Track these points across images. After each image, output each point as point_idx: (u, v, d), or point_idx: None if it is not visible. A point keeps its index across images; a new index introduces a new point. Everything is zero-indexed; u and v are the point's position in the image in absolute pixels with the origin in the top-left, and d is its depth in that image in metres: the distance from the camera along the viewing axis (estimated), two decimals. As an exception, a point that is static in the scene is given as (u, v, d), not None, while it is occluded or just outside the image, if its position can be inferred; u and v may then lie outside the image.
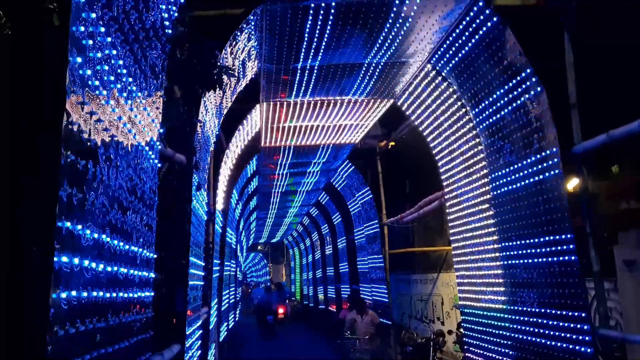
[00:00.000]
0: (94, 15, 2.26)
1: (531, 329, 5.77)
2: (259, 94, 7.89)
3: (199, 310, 6.26)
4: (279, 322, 20.71)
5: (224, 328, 11.85)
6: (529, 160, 5.65)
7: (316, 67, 6.96)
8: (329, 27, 5.86)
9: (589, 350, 4.89)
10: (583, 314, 4.99)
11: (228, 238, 12.18)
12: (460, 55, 6.32)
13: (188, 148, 5.01)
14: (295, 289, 32.88)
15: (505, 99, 5.88)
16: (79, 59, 2.10)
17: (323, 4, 5.44)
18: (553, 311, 5.37)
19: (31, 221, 1.87)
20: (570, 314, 5.13)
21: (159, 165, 3.87)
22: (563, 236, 5.19)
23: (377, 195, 13.03)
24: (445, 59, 6.64)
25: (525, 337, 5.90)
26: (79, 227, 2.06)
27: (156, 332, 3.49)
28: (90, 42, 2.23)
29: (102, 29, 2.38)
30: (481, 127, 6.57)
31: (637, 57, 5.82)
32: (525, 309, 5.91)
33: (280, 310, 21.53)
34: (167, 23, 3.82)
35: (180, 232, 4.99)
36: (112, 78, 2.54)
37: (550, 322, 5.40)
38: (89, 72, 2.20)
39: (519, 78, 5.57)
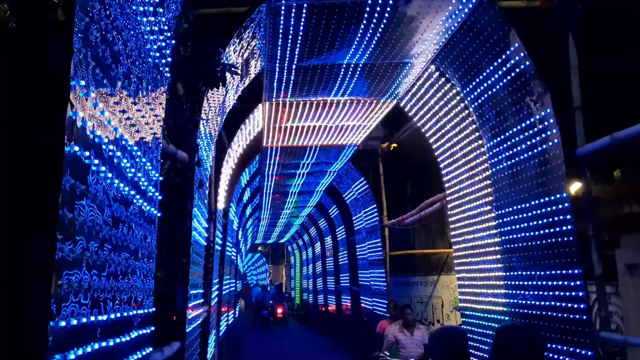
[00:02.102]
0: (98, 5, 2.25)
1: (532, 332, 5.75)
2: (261, 93, 7.88)
3: (199, 307, 6.24)
4: (278, 320, 22.42)
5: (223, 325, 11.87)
6: (532, 163, 5.64)
7: (319, 67, 6.96)
8: (332, 26, 5.85)
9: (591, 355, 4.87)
10: (584, 317, 4.97)
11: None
12: (464, 56, 6.30)
13: (190, 145, 5.00)
14: (295, 290, 33.07)
15: (509, 100, 5.87)
16: (83, 51, 2.09)
17: (327, 3, 5.44)
18: (555, 314, 5.35)
19: (33, 211, 1.86)
20: (572, 317, 5.11)
21: (161, 161, 3.86)
22: (566, 239, 5.18)
23: (379, 197, 13.02)
24: (449, 60, 6.63)
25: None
26: (81, 218, 2.05)
27: (156, 329, 3.48)
28: (95, 33, 2.22)
29: (107, 21, 2.37)
30: (484, 128, 6.56)
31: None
32: (526, 312, 5.89)
33: (279, 310, 22.71)
34: (171, 18, 3.81)
35: (181, 230, 4.98)
36: (115, 70, 2.53)
37: (552, 325, 5.38)
38: (92, 63, 2.19)
39: (523, 79, 5.56)
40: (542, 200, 5.51)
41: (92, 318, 2.16)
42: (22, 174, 1.91)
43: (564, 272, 5.22)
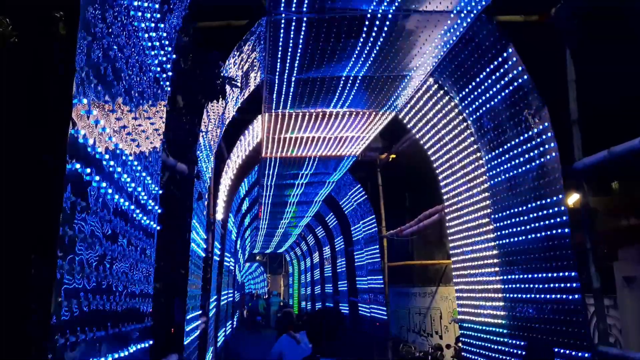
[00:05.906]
0: (100, 22, 2.27)
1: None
2: (261, 104, 7.91)
3: (197, 319, 6.23)
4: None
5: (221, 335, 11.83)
6: (530, 176, 5.66)
7: (319, 79, 7.00)
8: (332, 40, 5.89)
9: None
10: (582, 330, 4.97)
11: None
12: (462, 69, 6.35)
13: (190, 158, 5.02)
14: (292, 299, 33.17)
15: (507, 113, 5.90)
16: (84, 67, 2.10)
17: (327, 17, 5.48)
18: (553, 327, 5.35)
19: (33, 228, 1.87)
20: (570, 330, 5.11)
21: (161, 174, 3.87)
22: (564, 252, 5.19)
23: (377, 208, 13.03)
24: (447, 73, 6.67)
25: (524, 353, 5.87)
26: (82, 235, 2.06)
27: (154, 342, 3.47)
28: (96, 49, 2.24)
29: (108, 36, 2.39)
30: (482, 141, 6.59)
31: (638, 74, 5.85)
32: (524, 324, 5.88)
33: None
34: (172, 32, 3.84)
35: (180, 242, 4.99)
36: (117, 86, 2.55)
37: (551, 338, 5.38)
38: (94, 79, 2.21)
39: (521, 93, 5.59)
40: (540, 214, 5.52)
41: (91, 334, 2.16)
42: (22, 192, 1.92)
43: (561, 285, 5.22)
